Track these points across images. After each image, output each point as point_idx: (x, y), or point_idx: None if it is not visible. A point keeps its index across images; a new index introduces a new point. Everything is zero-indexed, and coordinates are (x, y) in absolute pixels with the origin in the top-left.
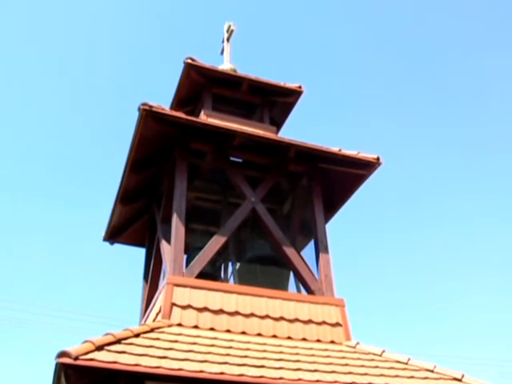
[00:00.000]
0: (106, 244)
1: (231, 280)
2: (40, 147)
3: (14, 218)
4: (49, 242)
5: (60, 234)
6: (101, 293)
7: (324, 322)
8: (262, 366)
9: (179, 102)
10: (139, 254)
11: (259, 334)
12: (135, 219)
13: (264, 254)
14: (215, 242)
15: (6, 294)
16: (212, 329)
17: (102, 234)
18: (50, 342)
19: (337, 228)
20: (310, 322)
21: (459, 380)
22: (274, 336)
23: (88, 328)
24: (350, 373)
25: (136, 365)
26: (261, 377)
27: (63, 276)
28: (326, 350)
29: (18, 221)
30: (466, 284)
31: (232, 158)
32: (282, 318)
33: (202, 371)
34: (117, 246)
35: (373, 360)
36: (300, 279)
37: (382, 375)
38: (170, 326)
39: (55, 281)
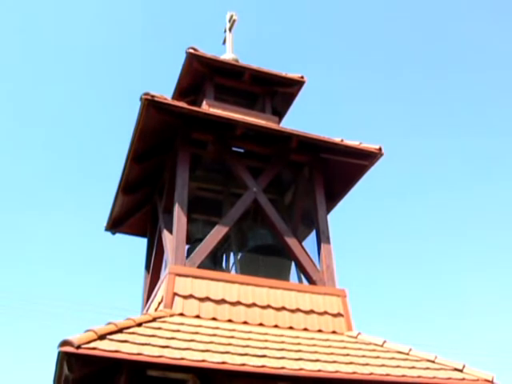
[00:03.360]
0: (108, 234)
1: (233, 270)
2: (41, 139)
3: (16, 209)
4: (51, 233)
5: (62, 224)
6: (103, 282)
7: (326, 313)
8: (264, 356)
9: (181, 92)
10: (141, 243)
11: (261, 324)
12: (137, 209)
13: (265, 243)
14: (217, 232)
15: (8, 285)
16: (214, 319)
17: (104, 223)
18: (53, 331)
19: (339, 218)
20: (311, 312)
21: (460, 370)
22: (276, 326)
23: (90, 317)
24: (351, 363)
25: (138, 354)
26: (262, 366)
27: (65, 266)
28: (327, 340)
29: (19, 212)
30: (467, 276)
31: (234, 148)
32: (283, 308)
33: (204, 360)
34: (119, 235)
35: (374, 350)
36: (302, 269)
37: (383, 365)
38: (172, 315)
39: (57, 271)
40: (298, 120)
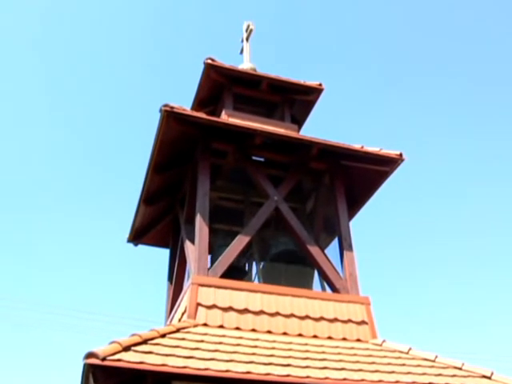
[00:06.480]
0: (131, 245)
1: (255, 279)
2: (61, 148)
3: (39, 218)
4: (74, 243)
5: (85, 235)
6: (126, 294)
7: (350, 321)
8: (289, 365)
9: (200, 103)
10: (163, 254)
11: (285, 333)
12: (159, 220)
13: (287, 249)
14: (239, 242)
15: (33, 296)
16: (237, 328)
17: (126, 235)
18: (77, 343)
19: (361, 225)
20: (335, 320)
21: (488, 378)
22: (300, 335)
23: (114, 329)
24: (376, 371)
25: (163, 365)
26: (287, 376)
27: (89, 278)
28: (352, 348)
29: (42, 222)
30: (493, 282)
31: (254, 158)
32: (307, 317)
33: (228, 371)
34: (141, 247)
35: (399, 358)
36: (325, 277)
37: (409, 373)
38: (195, 326)
39: (82, 283)
40: (318, 127)
